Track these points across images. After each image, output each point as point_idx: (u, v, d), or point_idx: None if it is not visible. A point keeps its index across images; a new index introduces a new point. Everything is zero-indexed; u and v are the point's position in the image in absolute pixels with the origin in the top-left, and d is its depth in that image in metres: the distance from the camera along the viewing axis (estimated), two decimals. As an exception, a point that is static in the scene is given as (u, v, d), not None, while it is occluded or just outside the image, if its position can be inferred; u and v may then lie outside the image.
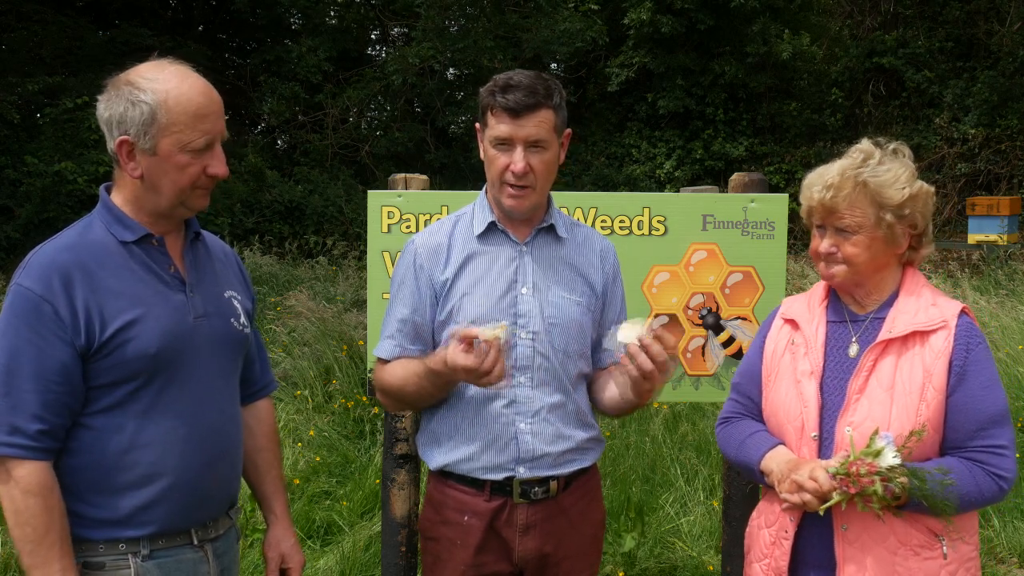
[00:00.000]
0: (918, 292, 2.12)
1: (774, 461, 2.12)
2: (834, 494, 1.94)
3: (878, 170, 2.07)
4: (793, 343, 2.21)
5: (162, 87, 1.83)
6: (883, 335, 2.08)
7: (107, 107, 1.87)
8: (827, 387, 2.12)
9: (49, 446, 1.80)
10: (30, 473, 1.77)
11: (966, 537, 2.06)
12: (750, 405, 2.29)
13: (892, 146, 2.14)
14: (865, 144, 2.14)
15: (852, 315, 2.18)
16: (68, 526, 1.82)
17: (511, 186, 2.18)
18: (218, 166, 1.91)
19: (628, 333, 2.05)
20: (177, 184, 1.88)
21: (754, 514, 2.29)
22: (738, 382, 2.34)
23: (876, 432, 1.96)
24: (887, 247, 2.10)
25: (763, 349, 2.28)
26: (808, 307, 2.24)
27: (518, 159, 2.14)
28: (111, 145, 1.87)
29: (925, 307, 2.08)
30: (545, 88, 2.15)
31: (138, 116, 1.82)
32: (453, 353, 2.02)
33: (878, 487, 1.89)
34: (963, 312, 2.08)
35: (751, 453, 2.19)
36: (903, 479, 1.90)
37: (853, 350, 2.13)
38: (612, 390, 2.29)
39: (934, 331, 2.04)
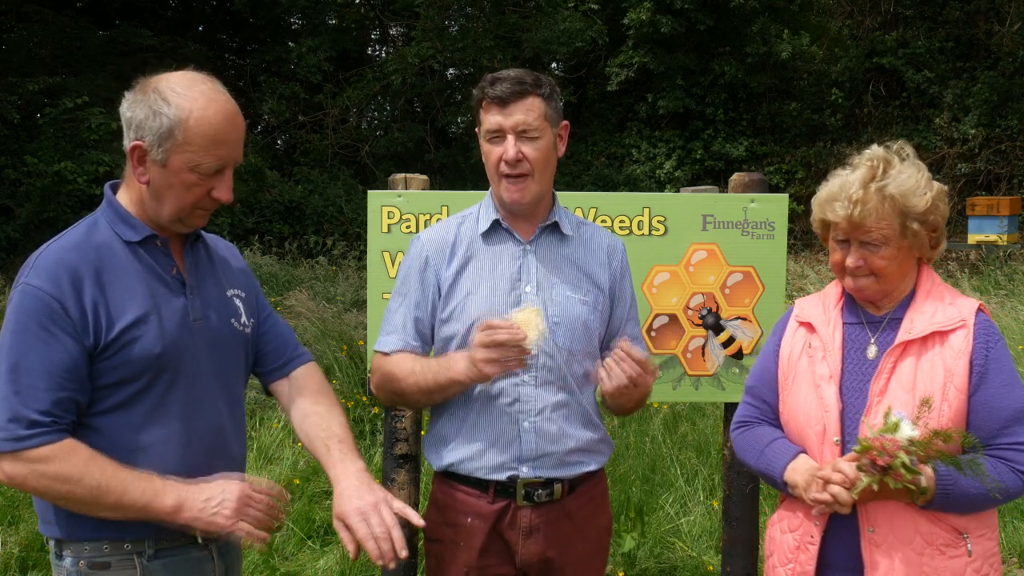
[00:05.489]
0: (935, 291, 2.11)
1: (798, 473, 2.09)
2: (863, 477, 1.92)
3: (900, 179, 2.04)
4: (810, 346, 2.18)
5: (187, 104, 1.82)
6: (903, 336, 2.06)
7: (130, 107, 1.87)
8: (846, 390, 2.10)
9: (66, 427, 1.80)
10: (54, 449, 1.77)
11: (989, 533, 2.07)
12: (765, 409, 2.26)
13: (895, 147, 2.11)
14: (878, 151, 2.10)
15: (868, 316, 2.16)
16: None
17: (507, 177, 2.18)
18: (224, 192, 1.91)
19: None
20: (180, 200, 1.88)
21: (774, 519, 2.27)
22: (752, 385, 2.30)
23: (889, 410, 1.95)
24: (912, 253, 2.10)
25: (778, 352, 2.24)
26: (823, 309, 2.21)
27: (509, 147, 2.15)
28: (126, 144, 1.88)
29: (943, 306, 2.07)
30: (533, 79, 2.17)
31: (156, 127, 1.82)
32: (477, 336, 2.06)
33: (903, 458, 1.88)
34: (980, 310, 2.07)
35: (773, 463, 2.16)
36: (924, 452, 1.90)
37: (871, 352, 2.11)
38: (605, 384, 2.24)
39: (953, 330, 2.03)
